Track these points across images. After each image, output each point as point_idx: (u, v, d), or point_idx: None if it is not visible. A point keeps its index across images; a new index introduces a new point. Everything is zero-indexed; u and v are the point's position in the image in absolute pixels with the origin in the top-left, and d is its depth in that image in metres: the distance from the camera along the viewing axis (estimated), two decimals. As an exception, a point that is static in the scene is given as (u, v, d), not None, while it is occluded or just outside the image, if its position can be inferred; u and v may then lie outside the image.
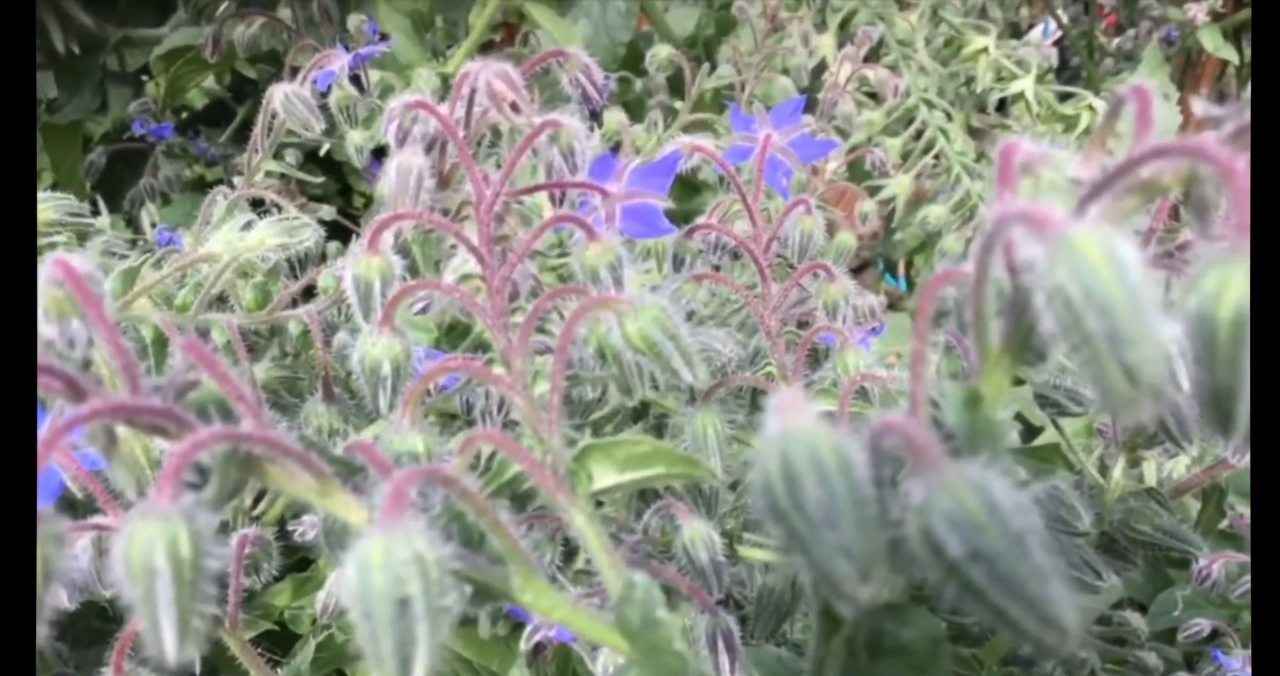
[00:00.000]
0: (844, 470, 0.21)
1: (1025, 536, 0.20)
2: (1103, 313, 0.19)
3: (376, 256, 0.40)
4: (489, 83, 0.42)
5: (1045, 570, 0.20)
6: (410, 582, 0.24)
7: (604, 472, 0.33)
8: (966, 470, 0.21)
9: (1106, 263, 0.20)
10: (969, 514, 0.20)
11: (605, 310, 0.37)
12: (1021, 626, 0.20)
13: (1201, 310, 0.20)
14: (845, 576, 0.21)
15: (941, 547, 0.20)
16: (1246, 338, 0.20)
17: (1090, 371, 0.20)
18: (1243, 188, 0.20)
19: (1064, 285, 0.20)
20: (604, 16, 1.62)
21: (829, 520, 0.21)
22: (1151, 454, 0.55)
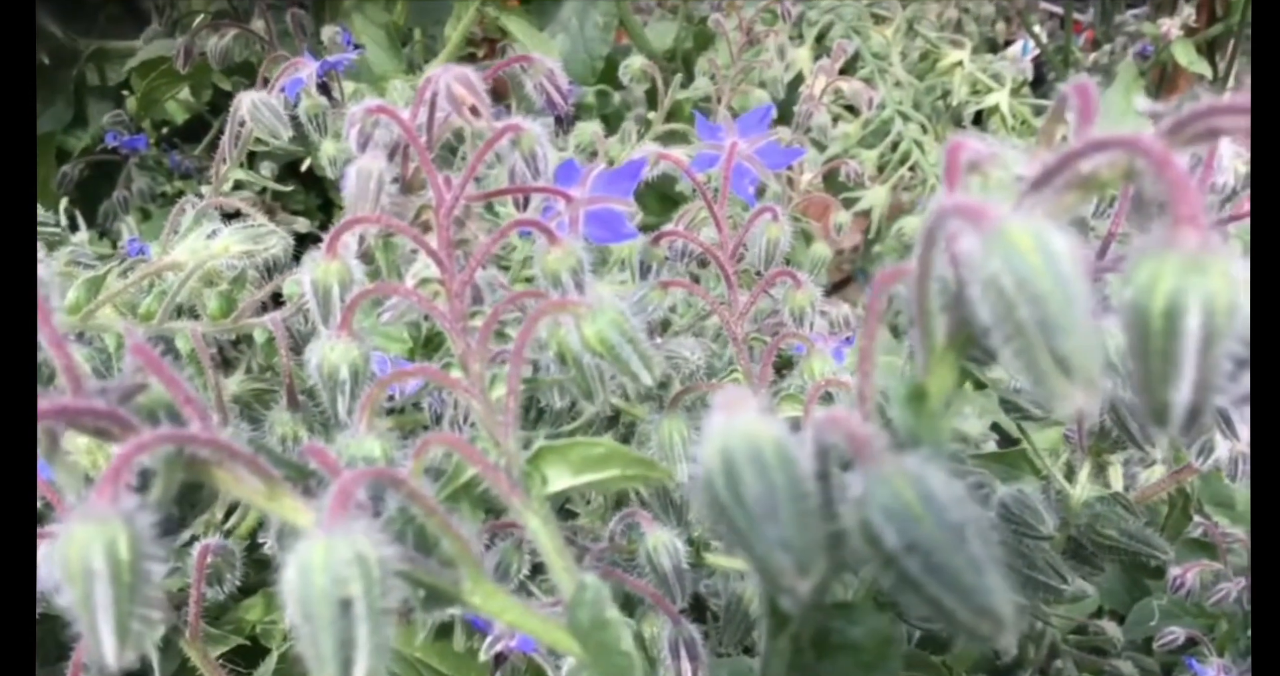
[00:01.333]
0: (784, 464, 0.21)
1: (961, 527, 0.20)
2: (1034, 302, 0.20)
3: (335, 261, 0.40)
4: (449, 87, 0.42)
5: (981, 561, 0.20)
6: (352, 583, 0.23)
7: (559, 475, 0.33)
8: (905, 463, 0.21)
9: (1038, 253, 0.20)
10: (905, 505, 0.20)
11: (563, 313, 0.37)
12: (956, 616, 0.20)
13: (1135, 302, 0.20)
14: (784, 569, 0.21)
15: (879, 539, 0.20)
16: (1179, 329, 0.20)
17: (1023, 362, 0.20)
18: (1176, 180, 0.21)
19: (997, 275, 0.20)
20: (582, 31, 1.62)
21: (768, 513, 0.21)
22: (1117, 459, 0.55)
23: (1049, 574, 0.48)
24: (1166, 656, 0.85)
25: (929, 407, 0.24)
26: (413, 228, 0.42)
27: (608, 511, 0.63)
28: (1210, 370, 0.20)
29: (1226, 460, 0.49)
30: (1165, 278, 0.20)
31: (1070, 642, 0.87)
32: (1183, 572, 0.78)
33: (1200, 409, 0.20)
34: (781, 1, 1.47)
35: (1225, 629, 0.87)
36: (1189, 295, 0.20)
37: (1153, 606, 0.86)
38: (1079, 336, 0.19)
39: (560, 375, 0.40)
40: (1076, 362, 0.19)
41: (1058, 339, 0.19)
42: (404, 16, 1.23)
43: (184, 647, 0.48)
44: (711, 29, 1.45)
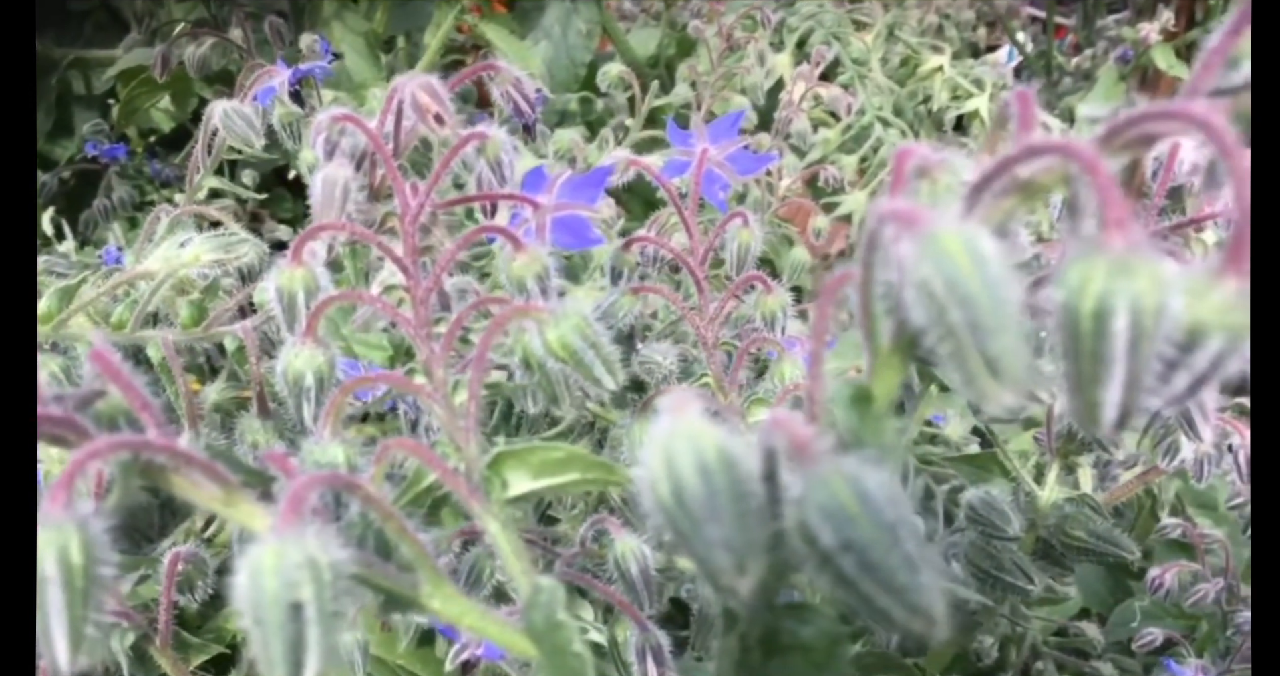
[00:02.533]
0: (725, 466, 0.22)
1: (896, 527, 0.21)
2: (964, 304, 0.20)
3: (300, 268, 0.40)
4: (413, 95, 0.42)
5: (915, 559, 0.20)
6: (303, 587, 0.24)
7: (519, 479, 0.33)
8: (843, 464, 0.21)
9: (967, 257, 0.20)
10: (841, 505, 0.21)
11: (526, 319, 0.37)
12: (889, 615, 0.20)
13: (1065, 303, 0.20)
14: (723, 568, 0.21)
15: (815, 538, 0.21)
16: (1108, 330, 0.20)
17: (956, 363, 0.20)
18: (1105, 185, 0.21)
19: (929, 279, 0.20)
20: (565, 38, 1.63)
21: (709, 514, 0.21)
22: (1086, 460, 0.56)
23: (1016, 574, 0.48)
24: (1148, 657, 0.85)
25: (874, 409, 0.25)
26: (378, 235, 0.42)
27: (589, 517, 0.63)
28: (1139, 370, 0.20)
29: (1192, 461, 0.50)
30: (1094, 280, 0.20)
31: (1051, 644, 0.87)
32: (1161, 573, 0.79)
33: (1130, 409, 0.21)
34: (761, 8, 1.48)
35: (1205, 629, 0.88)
36: (1117, 297, 0.20)
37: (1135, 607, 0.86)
38: (1007, 338, 0.20)
39: (526, 381, 0.40)
40: (1004, 364, 0.20)
41: (986, 341, 0.20)
42: (384, 25, 1.24)
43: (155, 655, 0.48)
44: (693, 36, 1.46)
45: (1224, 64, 0.25)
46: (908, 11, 1.88)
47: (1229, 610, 0.80)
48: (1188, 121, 0.22)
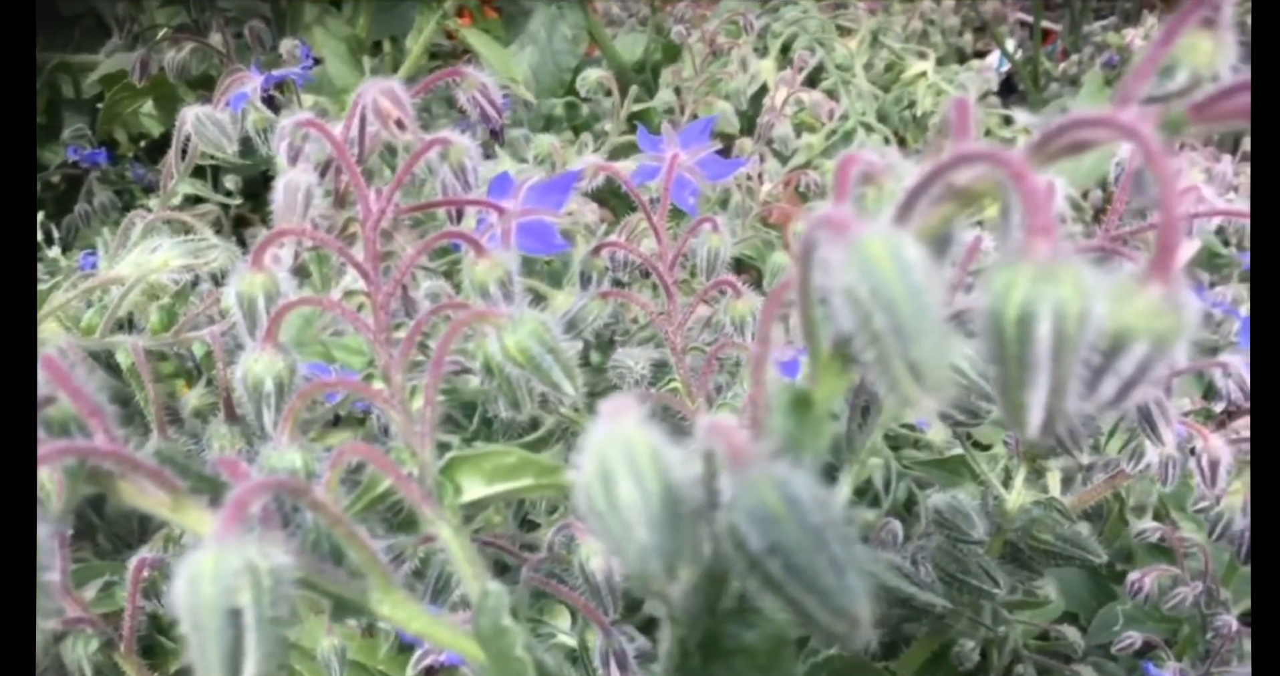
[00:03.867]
0: (658, 470, 0.22)
1: (823, 530, 0.21)
2: (887, 310, 0.20)
3: (261, 273, 0.40)
4: (375, 101, 0.42)
5: (841, 562, 0.21)
6: (241, 592, 0.24)
7: (473, 484, 0.33)
8: (773, 468, 0.21)
9: (891, 263, 0.20)
10: (769, 509, 0.21)
11: (484, 324, 0.37)
12: (815, 617, 0.21)
13: (991, 309, 0.21)
14: (653, 573, 0.21)
15: (744, 542, 0.21)
16: (1032, 335, 0.20)
17: (881, 368, 0.21)
18: (1030, 193, 0.21)
19: (854, 285, 0.20)
20: (550, 43, 1.63)
21: (640, 518, 0.21)
22: (1056, 464, 0.56)
23: (982, 578, 0.49)
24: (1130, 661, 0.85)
25: (813, 415, 0.25)
26: (340, 240, 0.42)
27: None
28: (1063, 375, 0.21)
29: (1157, 464, 0.50)
30: (1018, 287, 0.20)
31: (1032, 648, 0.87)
32: (1141, 577, 0.79)
33: (1056, 413, 0.21)
34: (745, 14, 1.49)
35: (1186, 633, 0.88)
36: (1040, 303, 0.20)
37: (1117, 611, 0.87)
38: (929, 344, 0.20)
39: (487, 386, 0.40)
40: (927, 369, 0.20)
41: (909, 346, 0.20)
42: (366, 30, 1.24)
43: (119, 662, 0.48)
44: (677, 41, 1.46)
45: (1157, 72, 0.25)
46: (893, 17, 1.89)
47: (1208, 613, 0.80)
48: (1116, 129, 0.22)
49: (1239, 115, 0.23)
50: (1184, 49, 0.25)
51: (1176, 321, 0.21)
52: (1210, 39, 0.25)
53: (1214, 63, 0.25)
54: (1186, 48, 0.25)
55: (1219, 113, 0.23)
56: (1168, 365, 0.21)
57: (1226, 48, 0.26)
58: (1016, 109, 1.85)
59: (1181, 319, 0.21)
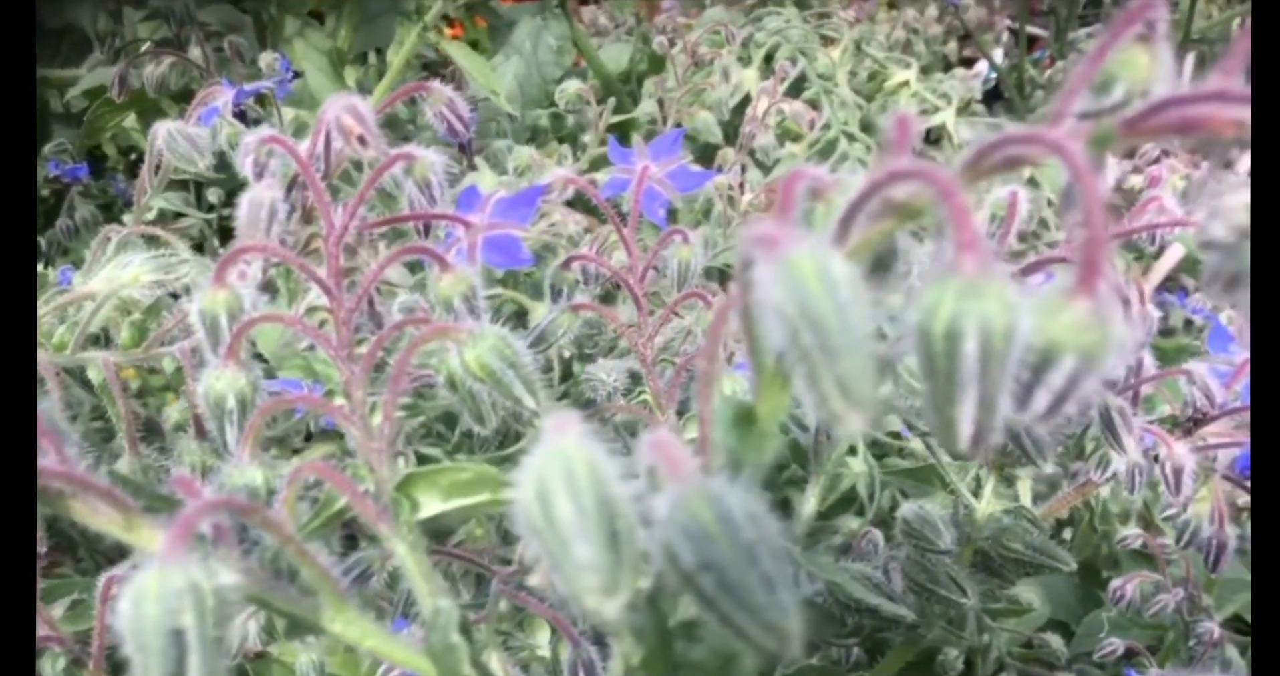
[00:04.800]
0: (596, 485, 0.22)
1: (755, 547, 0.21)
2: (814, 327, 0.20)
3: (224, 290, 0.40)
4: (337, 117, 0.42)
5: (772, 578, 0.21)
6: (184, 613, 0.24)
7: (430, 500, 0.33)
8: (708, 484, 0.21)
9: (818, 280, 0.20)
10: (702, 525, 0.21)
11: (445, 339, 0.37)
12: (746, 632, 0.21)
13: (920, 325, 0.21)
14: (590, 588, 0.21)
15: (677, 558, 0.21)
16: (959, 350, 0.21)
17: (809, 384, 0.21)
18: (959, 209, 0.21)
19: (783, 302, 0.21)
20: (536, 54, 1.63)
21: (577, 534, 0.22)
22: (1026, 473, 0.56)
23: (950, 587, 0.49)
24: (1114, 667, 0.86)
25: (757, 430, 0.25)
26: (304, 256, 0.42)
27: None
28: (992, 389, 0.21)
29: (1124, 473, 0.50)
30: (945, 302, 0.21)
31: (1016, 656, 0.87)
32: (1123, 584, 0.79)
33: (985, 426, 0.21)
34: (727, 24, 1.49)
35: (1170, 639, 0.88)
36: (966, 319, 0.20)
37: (1103, 618, 0.87)
38: (855, 360, 0.20)
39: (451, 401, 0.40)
40: (853, 386, 0.20)
41: (835, 362, 0.20)
42: (348, 42, 1.24)
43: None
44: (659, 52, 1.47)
45: (1093, 87, 0.25)
46: (876, 26, 1.90)
47: (1191, 620, 0.80)
48: (1044, 146, 0.22)
49: (1169, 130, 0.23)
50: (1119, 64, 0.25)
51: (1103, 335, 0.21)
52: (1146, 54, 0.26)
53: (1150, 77, 0.26)
54: (1122, 63, 0.25)
55: (1149, 127, 0.23)
56: (1098, 378, 0.22)
57: (1162, 62, 0.26)
58: (1003, 117, 1.86)
59: (1108, 333, 0.21)
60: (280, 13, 1.19)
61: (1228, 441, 0.52)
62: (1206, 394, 0.51)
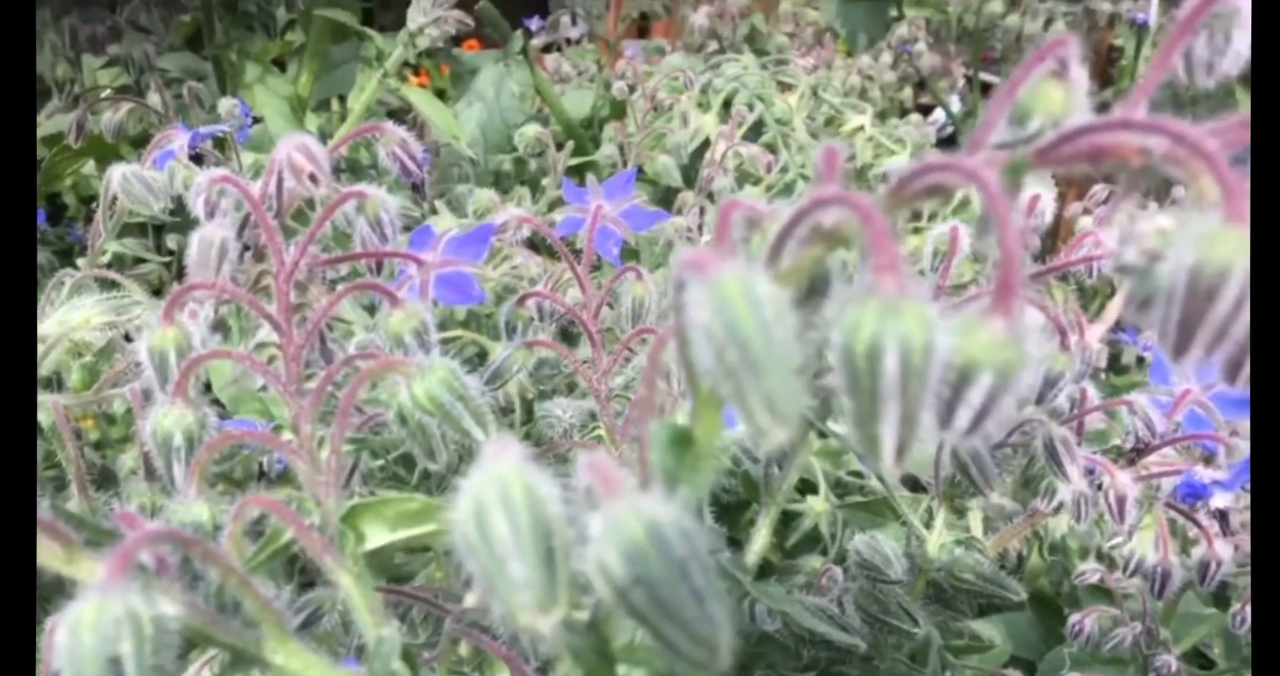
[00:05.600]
0: (531, 505, 0.22)
1: (686, 562, 0.21)
2: (741, 345, 0.21)
3: (172, 327, 0.40)
4: (289, 156, 0.43)
5: (702, 593, 0.21)
6: (122, 642, 0.24)
7: (376, 532, 0.33)
8: (639, 501, 0.22)
9: (744, 301, 0.21)
10: (634, 541, 0.21)
11: (393, 374, 0.38)
12: (677, 646, 0.21)
13: (843, 344, 0.22)
14: (524, 606, 0.22)
15: (610, 573, 0.21)
16: (880, 367, 0.21)
17: (736, 401, 0.21)
18: (879, 233, 0.22)
19: (710, 322, 0.21)
20: (498, 100, 1.65)
21: (511, 553, 0.22)
22: (976, 504, 0.57)
23: (902, 618, 0.49)
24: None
25: (694, 452, 0.26)
26: (254, 293, 0.43)
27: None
28: (912, 406, 0.21)
29: (1070, 502, 0.51)
30: (866, 322, 0.21)
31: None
32: (1081, 619, 0.80)
33: (907, 442, 0.22)
34: (686, 71, 1.52)
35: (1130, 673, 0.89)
36: (886, 337, 0.21)
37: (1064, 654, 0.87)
38: (780, 376, 0.21)
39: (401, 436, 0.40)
40: (778, 401, 0.21)
41: (761, 379, 0.21)
42: (308, 88, 1.25)
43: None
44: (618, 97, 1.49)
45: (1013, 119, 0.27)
46: (833, 73, 1.94)
47: (1149, 653, 0.81)
48: (961, 174, 0.23)
49: (1080, 158, 0.24)
50: (1034, 99, 0.27)
51: (1018, 353, 0.22)
52: (1060, 89, 0.27)
53: (1065, 111, 0.27)
54: (1037, 97, 0.27)
55: (1061, 156, 0.24)
56: (1015, 396, 0.22)
57: (1078, 95, 0.27)
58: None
59: (1023, 351, 0.22)
60: (241, 60, 1.20)
61: (1169, 470, 0.53)
62: (1148, 424, 0.52)
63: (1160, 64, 0.25)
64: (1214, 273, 0.21)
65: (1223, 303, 0.21)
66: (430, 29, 1.09)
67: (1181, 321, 0.21)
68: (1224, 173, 0.22)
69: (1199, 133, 0.23)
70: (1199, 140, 0.23)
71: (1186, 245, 0.21)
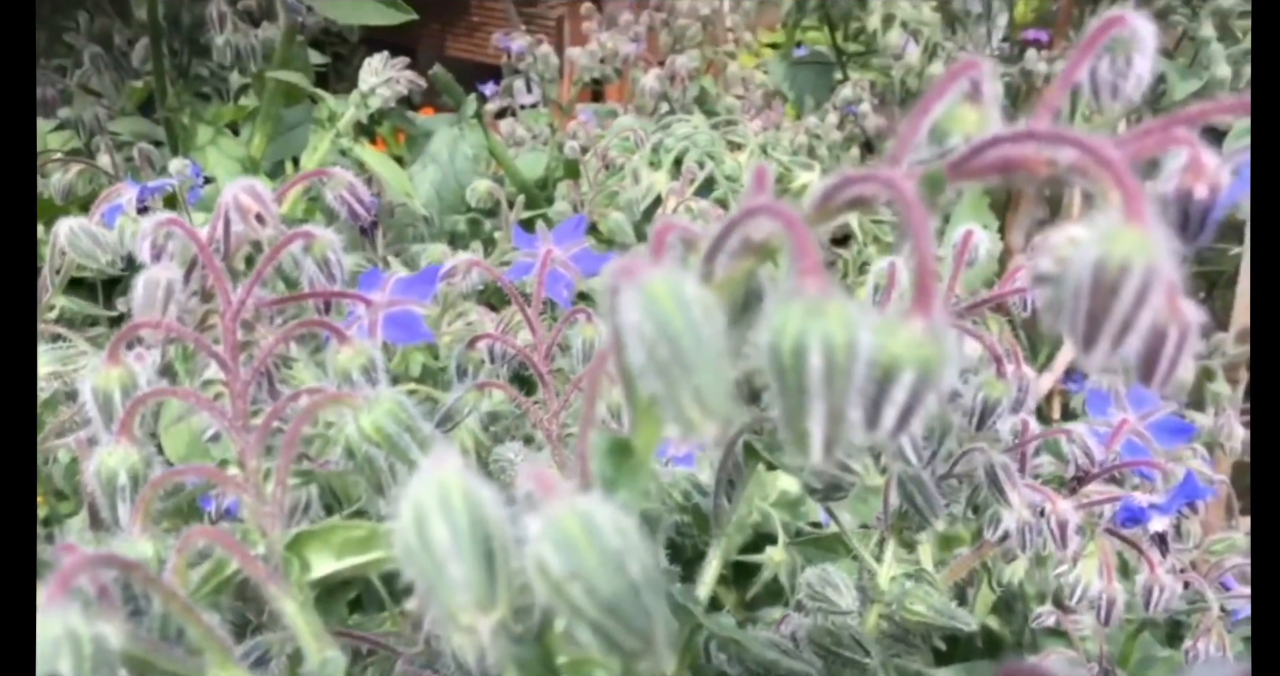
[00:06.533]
0: (469, 507, 0.23)
1: (622, 555, 0.22)
2: (670, 342, 0.22)
3: (117, 367, 0.40)
4: (235, 197, 0.43)
5: (638, 586, 0.22)
6: (61, 658, 0.24)
7: (322, 559, 0.33)
8: (576, 500, 0.22)
9: (672, 300, 0.22)
10: (569, 536, 0.22)
11: (340, 407, 0.38)
12: (613, 637, 0.21)
13: (771, 344, 0.22)
14: (464, 606, 0.22)
15: (547, 568, 0.22)
16: (806, 365, 0.22)
17: (667, 398, 0.22)
18: (801, 238, 0.23)
19: (640, 322, 0.22)
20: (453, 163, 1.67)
21: (451, 554, 0.22)
22: (925, 537, 0.58)
23: (854, 649, 0.49)
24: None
25: (632, 461, 0.26)
26: (200, 332, 0.43)
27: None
28: (838, 401, 0.22)
29: (1015, 530, 0.52)
30: (791, 322, 0.22)
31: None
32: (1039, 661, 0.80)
33: (834, 438, 0.22)
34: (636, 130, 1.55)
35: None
36: (811, 335, 0.22)
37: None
38: (708, 372, 0.22)
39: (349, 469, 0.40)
40: (707, 396, 0.22)
41: (690, 375, 0.22)
42: (261, 150, 1.26)
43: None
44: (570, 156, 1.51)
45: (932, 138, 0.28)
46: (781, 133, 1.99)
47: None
48: (880, 184, 0.25)
49: (992, 169, 0.26)
50: (950, 119, 0.28)
51: (938, 351, 0.23)
52: (975, 110, 0.28)
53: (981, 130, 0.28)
54: (952, 118, 0.28)
55: (973, 168, 0.25)
56: (937, 392, 0.23)
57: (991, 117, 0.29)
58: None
59: (943, 348, 0.23)
60: (193, 122, 1.21)
61: (1108, 498, 0.54)
62: (1086, 452, 0.53)
63: (1063, 83, 0.27)
64: (1116, 267, 0.22)
65: (1125, 295, 0.22)
66: (382, 89, 1.10)
67: (1088, 315, 0.22)
68: (1124, 177, 0.23)
69: (1102, 142, 0.24)
70: (1102, 149, 0.24)
71: (1090, 243, 0.22)
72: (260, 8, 1.21)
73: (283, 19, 1.20)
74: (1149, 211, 0.22)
